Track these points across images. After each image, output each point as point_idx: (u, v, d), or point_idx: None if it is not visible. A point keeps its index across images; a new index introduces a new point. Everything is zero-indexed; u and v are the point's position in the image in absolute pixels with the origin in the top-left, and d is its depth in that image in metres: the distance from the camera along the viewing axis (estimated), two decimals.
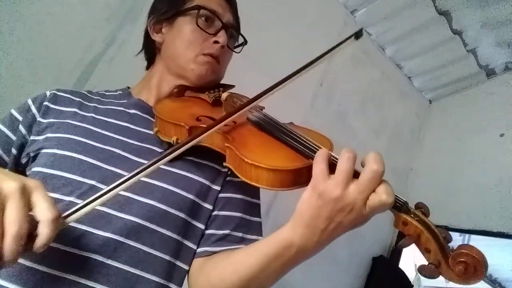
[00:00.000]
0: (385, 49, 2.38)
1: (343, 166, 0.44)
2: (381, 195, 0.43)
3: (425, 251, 0.44)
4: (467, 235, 1.97)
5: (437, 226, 0.44)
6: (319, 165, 0.45)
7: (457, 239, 2.21)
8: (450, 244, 0.44)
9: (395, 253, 2.15)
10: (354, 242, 1.96)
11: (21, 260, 0.50)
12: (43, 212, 0.39)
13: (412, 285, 2.06)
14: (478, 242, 1.95)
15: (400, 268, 2.10)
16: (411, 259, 2.34)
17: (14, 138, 0.65)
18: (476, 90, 2.32)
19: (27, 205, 0.38)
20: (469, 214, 1.87)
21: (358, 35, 0.65)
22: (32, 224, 0.38)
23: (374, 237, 2.10)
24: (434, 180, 2.21)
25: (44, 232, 0.38)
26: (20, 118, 0.67)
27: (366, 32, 2.30)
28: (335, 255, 1.88)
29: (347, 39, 0.64)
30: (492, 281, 3.04)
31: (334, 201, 0.43)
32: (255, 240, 0.64)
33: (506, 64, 2.16)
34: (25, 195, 0.39)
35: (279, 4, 1.87)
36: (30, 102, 0.69)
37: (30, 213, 0.39)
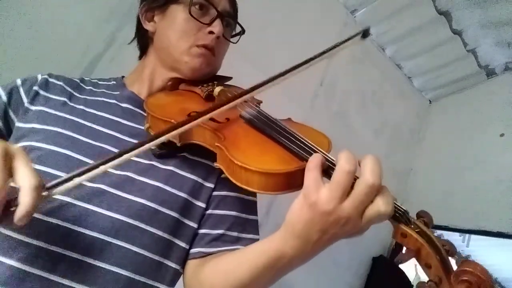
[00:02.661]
0: (385, 49, 2.38)
1: (340, 179, 0.40)
2: (380, 206, 0.39)
3: (425, 266, 0.41)
4: (467, 235, 1.97)
5: (436, 227, 0.42)
6: (311, 174, 0.41)
7: (457, 239, 2.21)
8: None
9: (395, 253, 2.15)
10: (354, 242, 1.94)
11: (7, 261, 0.49)
12: (24, 178, 0.35)
13: (412, 285, 2.06)
14: (478, 242, 1.95)
15: (400, 268, 2.10)
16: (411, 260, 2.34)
17: None
18: (476, 90, 2.32)
19: (7, 171, 0.35)
20: (469, 214, 1.87)
21: (365, 34, 0.60)
22: (12, 194, 0.35)
23: (374, 237, 2.10)
24: (434, 180, 2.20)
25: (24, 201, 0.34)
26: (4, 98, 0.63)
27: None
28: (335, 255, 1.88)
29: (353, 36, 0.59)
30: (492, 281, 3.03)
31: (327, 214, 0.40)
32: (251, 239, 0.63)
33: (506, 64, 2.15)
34: (7, 160, 0.35)
35: (279, 4, 1.87)
36: (19, 82, 0.65)
37: (11, 183, 0.35)
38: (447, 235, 2.24)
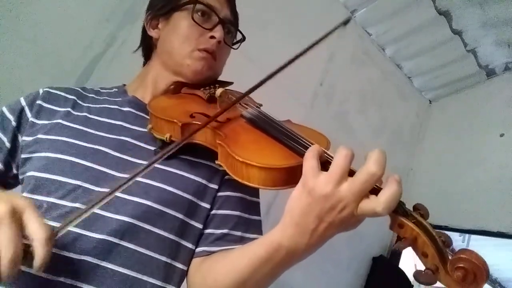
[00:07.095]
0: (385, 49, 2.38)
1: (338, 162, 0.41)
2: (378, 205, 0.39)
3: (422, 255, 0.42)
4: (467, 235, 1.97)
5: (436, 227, 0.42)
6: (309, 161, 0.43)
7: (457, 239, 2.21)
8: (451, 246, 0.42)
9: (395, 253, 2.15)
10: (354, 242, 1.96)
11: None
12: (36, 232, 0.39)
13: (412, 285, 2.06)
14: (478, 242, 1.95)
15: (400, 268, 2.10)
16: (411, 259, 2.34)
17: (5, 139, 0.64)
18: (476, 90, 2.32)
19: (19, 227, 0.39)
20: (469, 214, 1.87)
21: (346, 22, 0.67)
22: (26, 243, 0.39)
23: (374, 237, 2.10)
24: (434, 180, 2.21)
25: (39, 252, 0.38)
26: (11, 118, 0.65)
27: (366, 32, 2.30)
28: (335, 255, 1.88)
29: (336, 28, 0.65)
30: (492, 281, 3.03)
31: (324, 198, 0.41)
32: (255, 239, 0.63)
33: (506, 64, 2.15)
34: (16, 216, 0.39)
35: (279, 4, 1.87)
36: (22, 101, 0.68)
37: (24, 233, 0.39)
38: None
